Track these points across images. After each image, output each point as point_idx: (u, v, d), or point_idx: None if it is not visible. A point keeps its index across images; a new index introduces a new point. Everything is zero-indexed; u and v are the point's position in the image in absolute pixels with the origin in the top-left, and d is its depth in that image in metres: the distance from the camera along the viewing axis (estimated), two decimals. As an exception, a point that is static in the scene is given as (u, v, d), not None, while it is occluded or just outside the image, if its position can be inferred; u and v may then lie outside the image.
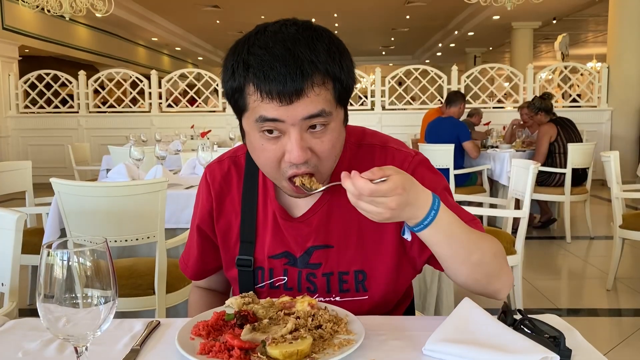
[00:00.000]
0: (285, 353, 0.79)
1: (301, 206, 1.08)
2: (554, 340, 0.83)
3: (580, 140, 5.06)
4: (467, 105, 6.28)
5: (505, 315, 0.89)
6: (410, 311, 1.25)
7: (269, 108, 0.89)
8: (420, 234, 0.90)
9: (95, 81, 8.79)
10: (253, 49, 0.89)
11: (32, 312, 0.67)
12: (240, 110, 0.94)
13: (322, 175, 0.98)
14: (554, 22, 12.74)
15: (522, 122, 6.01)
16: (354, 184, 0.83)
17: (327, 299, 1.07)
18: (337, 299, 1.07)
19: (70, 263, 0.71)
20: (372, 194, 0.82)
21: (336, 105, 0.93)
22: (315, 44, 0.89)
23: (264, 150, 0.94)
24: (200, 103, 8.98)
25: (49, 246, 0.71)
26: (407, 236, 0.95)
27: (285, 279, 1.09)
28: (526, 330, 0.86)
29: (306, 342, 0.82)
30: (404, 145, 1.12)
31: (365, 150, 1.09)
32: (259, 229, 1.10)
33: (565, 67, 8.60)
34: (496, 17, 12.14)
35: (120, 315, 2.20)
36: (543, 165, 4.90)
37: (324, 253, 1.07)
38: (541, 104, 5.20)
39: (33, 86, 8.79)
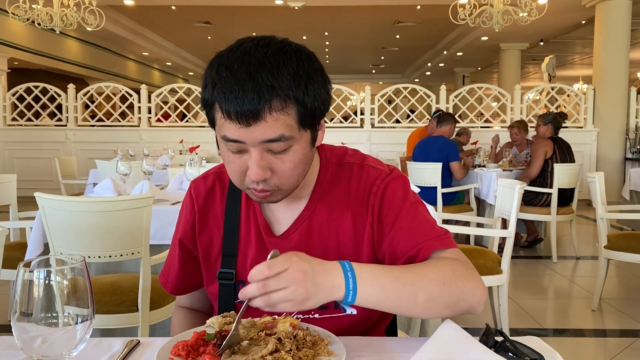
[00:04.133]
0: (265, 374, 0.79)
1: (283, 223, 1.10)
2: (534, 363, 0.83)
3: (574, 162, 5.10)
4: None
5: (487, 337, 0.89)
6: (392, 329, 1.24)
7: (231, 128, 0.91)
8: (358, 302, 0.87)
9: (85, 95, 8.76)
10: (220, 68, 0.91)
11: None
12: (211, 122, 0.98)
13: (283, 193, 1.00)
14: (541, 43, 12.95)
15: (509, 141, 6.09)
16: (252, 277, 0.80)
17: (306, 316, 1.07)
18: (316, 316, 1.07)
19: (47, 281, 0.70)
20: (270, 268, 0.79)
21: (299, 129, 0.94)
22: (280, 69, 0.90)
23: (230, 162, 0.97)
24: (189, 118, 8.97)
25: (27, 264, 0.71)
26: (352, 310, 0.93)
27: None
28: (507, 352, 0.86)
29: (287, 363, 0.81)
30: (380, 163, 1.13)
31: (345, 168, 1.11)
32: (241, 243, 1.11)
33: (552, 88, 8.74)
34: (484, 38, 12.32)
35: (103, 331, 2.17)
36: (533, 183, 4.95)
37: None
38: (554, 118, 5.20)
39: (21, 99, 8.74)
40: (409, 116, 8.96)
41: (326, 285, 0.84)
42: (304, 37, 13.53)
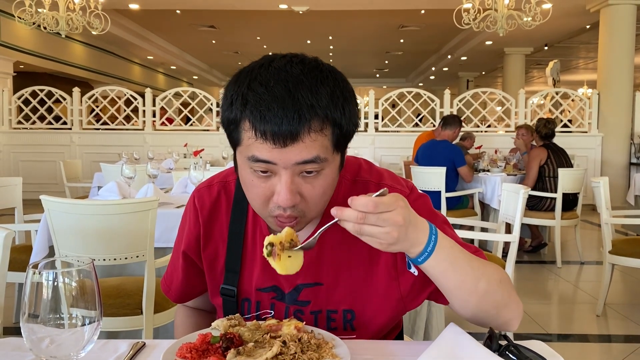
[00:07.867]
0: (270, 377, 0.79)
1: None
2: (538, 367, 0.83)
3: (571, 166, 5.10)
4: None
5: (491, 341, 0.89)
6: (398, 338, 1.23)
7: (262, 149, 0.85)
8: (425, 265, 0.86)
9: (90, 98, 8.79)
10: (254, 84, 0.85)
11: (18, 331, 0.66)
12: (234, 142, 0.91)
13: (308, 220, 0.95)
14: (546, 48, 12.94)
15: (514, 147, 6.09)
16: (356, 205, 0.78)
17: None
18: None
19: (56, 283, 0.71)
20: (376, 207, 0.78)
21: (333, 151, 0.89)
22: (318, 87, 0.85)
23: (253, 186, 0.91)
24: (194, 122, 9.00)
25: (35, 266, 0.71)
26: (414, 270, 0.92)
27: (272, 312, 1.07)
28: (511, 356, 0.86)
29: (291, 365, 0.81)
30: (398, 180, 1.08)
31: (360, 186, 1.05)
32: (247, 259, 1.07)
33: (557, 93, 8.72)
34: (489, 43, 12.32)
35: (107, 334, 2.18)
36: (533, 189, 4.94)
37: (314, 291, 1.04)
38: (536, 128, 5.24)
39: (27, 102, 8.78)
40: (416, 123, 8.92)
41: (411, 238, 0.83)
42: (308, 41, 13.56)
